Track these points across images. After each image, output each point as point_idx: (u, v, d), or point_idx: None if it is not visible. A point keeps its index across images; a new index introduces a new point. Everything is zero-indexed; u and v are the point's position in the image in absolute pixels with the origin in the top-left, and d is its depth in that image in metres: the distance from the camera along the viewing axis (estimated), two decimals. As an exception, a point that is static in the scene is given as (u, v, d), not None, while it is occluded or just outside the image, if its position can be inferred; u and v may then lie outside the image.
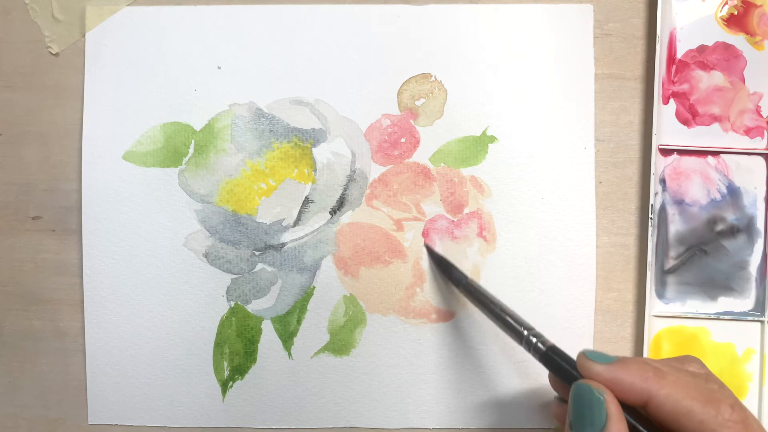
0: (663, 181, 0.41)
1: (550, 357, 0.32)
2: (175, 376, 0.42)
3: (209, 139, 0.42)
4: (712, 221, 0.41)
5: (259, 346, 0.42)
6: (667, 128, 0.41)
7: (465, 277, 0.39)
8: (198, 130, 0.42)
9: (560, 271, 0.41)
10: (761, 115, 0.41)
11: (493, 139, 0.42)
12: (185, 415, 0.42)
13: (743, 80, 0.41)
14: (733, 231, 0.41)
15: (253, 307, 0.42)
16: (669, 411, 0.27)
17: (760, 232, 0.41)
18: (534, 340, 0.33)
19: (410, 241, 0.41)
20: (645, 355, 0.40)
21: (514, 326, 0.34)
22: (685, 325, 0.41)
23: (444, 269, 0.40)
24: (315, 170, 0.42)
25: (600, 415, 0.27)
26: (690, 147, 0.41)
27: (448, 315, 0.41)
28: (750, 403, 0.41)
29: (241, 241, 0.41)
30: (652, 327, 0.41)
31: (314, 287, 0.42)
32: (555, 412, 0.36)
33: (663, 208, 0.41)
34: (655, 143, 0.41)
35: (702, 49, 0.41)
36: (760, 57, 0.41)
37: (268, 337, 0.42)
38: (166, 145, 0.42)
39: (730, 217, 0.41)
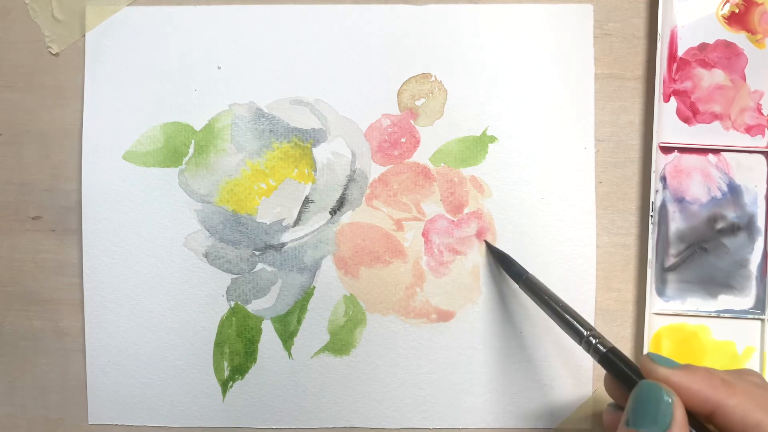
0: (663, 179, 0.41)
1: (610, 359, 0.31)
2: (175, 375, 0.42)
3: (209, 139, 0.42)
4: (713, 219, 0.41)
5: (259, 346, 0.41)
6: (668, 126, 0.41)
7: (525, 272, 0.38)
8: (198, 130, 0.42)
9: (560, 271, 0.41)
10: (762, 113, 0.41)
11: (493, 139, 0.42)
12: (185, 415, 0.42)
13: (744, 78, 0.41)
14: (733, 229, 0.41)
15: (253, 307, 0.41)
16: (737, 422, 0.27)
17: (761, 230, 0.41)
18: (594, 341, 0.32)
19: (410, 241, 0.41)
20: (645, 351, 0.40)
21: (574, 325, 0.34)
22: (686, 322, 0.41)
23: (504, 264, 0.40)
24: (315, 170, 0.42)
25: (665, 416, 0.27)
26: (691, 145, 0.41)
27: (448, 315, 0.41)
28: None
29: (241, 241, 0.41)
30: (653, 324, 0.41)
31: (314, 287, 0.41)
32: (606, 419, 0.34)
33: (663, 206, 0.41)
34: (656, 140, 0.41)
35: (703, 47, 0.41)
36: (761, 55, 0.41)
37: (268, 337, 0.41)
38: (166, 145, 0.42)
39: (731, 215, 0.41)
